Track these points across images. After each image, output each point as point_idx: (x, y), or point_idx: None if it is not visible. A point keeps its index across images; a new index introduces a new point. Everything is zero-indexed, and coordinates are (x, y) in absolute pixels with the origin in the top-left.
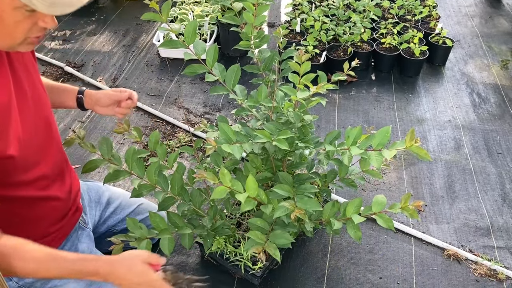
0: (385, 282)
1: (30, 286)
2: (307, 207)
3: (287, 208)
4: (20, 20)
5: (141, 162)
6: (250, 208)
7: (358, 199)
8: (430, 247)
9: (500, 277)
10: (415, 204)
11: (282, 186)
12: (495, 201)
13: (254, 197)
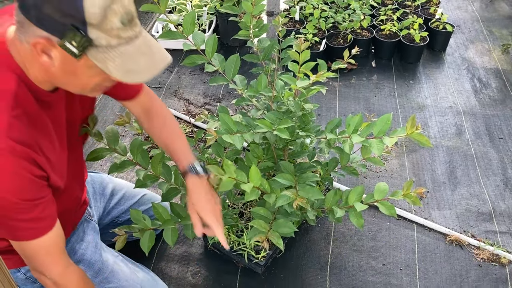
0: (388, 268)
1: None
2: (309, 196)
3: (289, 197)
4: (93, 75)
5: (146, 153)
6: (254, 198)
7: (360, 187)
8: (432, 233)
9: (503, 261)
10: (417, 191)
11: (284, 175)
12: (497, 186)
13: (257, 187)
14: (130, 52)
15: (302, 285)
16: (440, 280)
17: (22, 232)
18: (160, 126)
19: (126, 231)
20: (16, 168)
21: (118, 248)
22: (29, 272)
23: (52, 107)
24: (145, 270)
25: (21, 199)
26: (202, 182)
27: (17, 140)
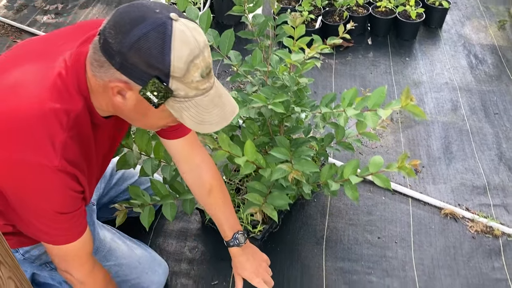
0: (384, 241)
1: (36, 259)
2: (304, 169)
3: (284, 170)
4: (162, 118)
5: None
6: (249, 172)
7: (355, 161)
8: (427, 207)
9: (496, 233)
10: (412, 163)
11: (279, 150)
12: (491, 161)
13: (252, 161)
14: (204, 103)
15: (299, 258)
16: (434, 252)
17: (56, 238)
18: (207, 192)
19: (126, 207)
20: (64, 186)
21: (118, 224)
22: (27, 253)
23: (101, 127)
24: (143, 247)
25: (61, 212)
26: (244, 249)
27: (69, 160)
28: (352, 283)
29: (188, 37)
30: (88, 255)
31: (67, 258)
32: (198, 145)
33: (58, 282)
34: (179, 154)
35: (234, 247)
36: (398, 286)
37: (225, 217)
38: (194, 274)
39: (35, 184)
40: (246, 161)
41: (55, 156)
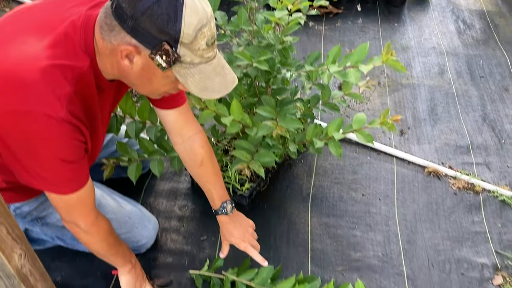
0: (368, 198)
1: (27, 215)
2: (288, 126)
3: (270, 126)
4: (166, 84)
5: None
6: (235, 131)
7: (339, 119)
8: (411, 166)
9: (477, 189)
10: (393, 118)
11: (265, 108)
12: (475, 122)
13: (239, 121)
14: (208, 71)
15: (285, 215)
16: (417, 208)
17: (65, 188)
18: (198, 164)
19: (114, 162)
20: (68, 135)
21: (106, 177)
22: (18, 210)
23: (105, 91)
24: (132, 203)
25: (66, 161)
26: (231, 218)
27: (73, 114)
28: (337, 237)
29: (197, 7)
30: (92, 204)
31: (72, 208)
32: (191, 117)
33: (50, 237)
34: (173, 125)
35: (222, 215)
36: (381, 240)
37: (214, 188)
38: (184, 230)
39: (41, 134)
40: (232, 120)
41: (60, 108)
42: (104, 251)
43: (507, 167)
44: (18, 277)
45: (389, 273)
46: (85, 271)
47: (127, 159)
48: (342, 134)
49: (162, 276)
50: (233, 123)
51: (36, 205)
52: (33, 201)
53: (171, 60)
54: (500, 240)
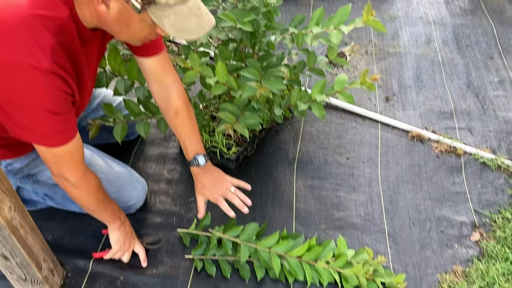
0: (352, 162)
1: (18, 171)
2: (272, 87)
3: (254, 88)
4: (144, 28)
5: (123, 63)
6: (220, 92)
7: (322, 81)
8: (395, 131)
9: (459, 152)
10: (372, 77)
11: (250, 70)
12: (460, 88)
13: (224, 83)
14: (184, 12)
15: (271, 177)
16: (400, 170)
17: (54, 140)
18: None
19: (99, 122)
20: (54, 86)
21: (91, 137)
22: (10, 166)
23: (89, 43)
24: (121, 164)
25: (54, 112)
26: (204, 170)
27: (58, 64)
28: (321, 197)
29: None
30: (81, 159)
31: (61, 162)
32: (170, 67)
33: (41, 197)
34: (151, 73)
35: (194, 166)
36: (364, 200)
37: (188, 139)
38: (172, 193)
39: (27, 85)
40: (217, 82)
41: (44, 58)
42: (93, 206)
43: (488, 131)
44: (8, 228)
45: (370, 230)
46: (76, 231)
47: (113, 119)
48: (325, 96)
49: (151, 235)
50: (218, 85)
51: (27, 162)
52: (24, 158)
53: (146, 2)
54: (479, 199)
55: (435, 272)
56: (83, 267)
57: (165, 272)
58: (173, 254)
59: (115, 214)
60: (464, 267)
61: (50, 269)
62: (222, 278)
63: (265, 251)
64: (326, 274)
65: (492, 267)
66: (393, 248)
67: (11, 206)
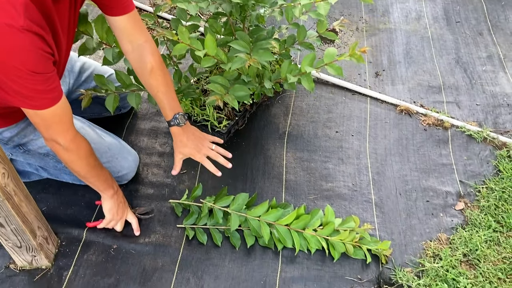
0: (341, 135)
1: (8, 141)
2: (261, 58)
3: (243, 59)
4: None
5: (110, 31)
6: (210, 65)
7: (312, 54)
8: (384, 105)
9: (446, 125)
10: (361, 49)
11: (239, 42)
12: (449, 64)
13: (213, 56)
14: None
15: (262, 150)
16: (388, 143)
17: (39, 102)
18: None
19: (91, 92)
20: (33, 45)
21: (84, 107)
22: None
23: (60, 2)
24: (112, 135)
25: (36, 72)
26: (184, 129)
27: (33, 21)
28: (310, 169)
29: None
30: (70, 121)
31: (51, 125)
32: (141, 25)
33: (34, 168)
34: (123, 32)
35: (174, 126)
36: (352, 172)
37: (166, 98)
38: (165, 165)
39: (5, 44)
40: (206, 55)
41: (18, 16)
42: (84, 171)
43: (476, 105)
44: (2, 195)
45: (358, 200)
46: (70, 202)
47: (105, 90)
48: (315, 69)
49: (143, 205)
50: (207, 57)
51: (17, 131)
52: (14, 128)
53: None
54: (464, 171)
55: (420, 239)
56: (77, 236)
57: (157, 241)
58: (165, 223)
59: (108, 183)
60: (449, 234)
61: (44, 237)
62: (213, 246)
63: (255, 219)
64: (314, 241)
65: (475, 234)
66: (380, 217)
67: (4, 173)
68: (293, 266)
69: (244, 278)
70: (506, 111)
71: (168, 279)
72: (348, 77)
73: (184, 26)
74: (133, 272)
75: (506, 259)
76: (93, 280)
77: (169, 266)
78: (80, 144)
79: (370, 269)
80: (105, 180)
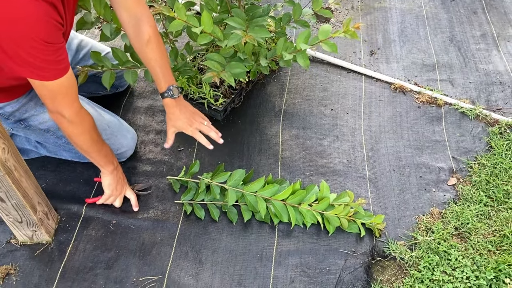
0: (336, 112)
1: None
2: (257, 35)
3: (239, 36)
4: None
5: (107, 6)
6: (206, 42)
7: (307, 31)
8: (379, 83)
9: (439, 103)
10: (355, 26)
11: (235, 19)
12: (443, 42)
13: (210, 33)
14: None
15: (258, 128)
16: (382, 120)
17: (49, 73)
18: (145, 43)
19: (87, 69)
20: (47, 14)
21: (80, 82)
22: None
23: None
24: (111, 113)
25: (47, 42)
26: (177, 101)
27: None
28: (305, 146)
29: None
30: (76, 94)
31: (56, 96)
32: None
33: (33, 145)
34: (121, 2)
35: (168, 98)
36: (346, 148)
37: (161, 70)
38: (162, 143)
39: (20, 13)
40: (202, 31)
41: None
42: (87, 145)
43: (469, 83)
44: (3, 169)
45: (352, 176)
46: (69, 179)
47: (101, 67)
48: (310, 46)
49: (142, 182)
50: (204, 34)
51: (18, 106)
52: (15, 102)
53: None
54: (457, 147)
55: (413, 214)
56: (77, 211)
57: (156, 216)
58: (163, 199)
59: (108, 158)
60: (441, 209)
61: (44, 212)
62: (211, 220)
63: (252, 195)
64: (309, 216)
65: (466, 209)
66: (374, 193)
67: (4, 148)
68: (289, 239)
69: (241, 252)
70: (498, 89)
71: (167, 252)
72: (343, 55)
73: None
74: (132, 246)
75: (496, 232)
76: (93, 254)
77: (167, 240)
78: (84, 117)
79: (364, 242)
80: (105, 155)
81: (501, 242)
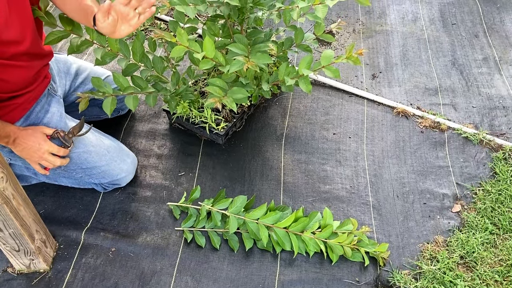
0: (338, 137)
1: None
2: (259, 61)
3: (241, 62)
4: None
5: None
6: (208, 67)
7: (309, 56)
8: (381, 107)
9: (443, 127)
10: (358, 52)
11: (237, 45)
12: (445, 66)
13: (212, 59)
14: None
15: (260, 152)
16: (385, 145)
17: None
18: None
19: (88, 95)
20: None
21: (81, 109)
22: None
23: None
24: (111, 138)
25: None
26: None
27: None
28: (308, 171)
29: None
30: None
31: None
32: None
33: (33, 172)
34: None
35: None
36: (349, 174)
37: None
38: (162, 167)
39: None
40: (205, 58)
41: None
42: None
43: (472, 107)
44: (0, 198)
45: (356, 203)
46: (68, 205)
47: (102, 93)
48: (312, 71)
49: (142, 209)
50: (206, 59)
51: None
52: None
53: None
54: (461, 173)
55: (417, 242)
56: (75, 238)
57: (156, 243)
58: (163, 226)
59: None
60: (445, 237)
61: (42, 240)
62: (212, 249)
63: (253, 222)
64: (312, 244)
65: (472, 237)
66: (377, 220)
67: (3, 177)
68: (291, 269)
69: (243, 281)
70: (501, 113)
71: (167, 282)
72: (345, 79)
73: (182, 28)
74: (132, 275)
75: (502, 261)
76: (92, 283)
77: (167, 269)
78: None
79: (368, 271)
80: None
81: (508, 272)
